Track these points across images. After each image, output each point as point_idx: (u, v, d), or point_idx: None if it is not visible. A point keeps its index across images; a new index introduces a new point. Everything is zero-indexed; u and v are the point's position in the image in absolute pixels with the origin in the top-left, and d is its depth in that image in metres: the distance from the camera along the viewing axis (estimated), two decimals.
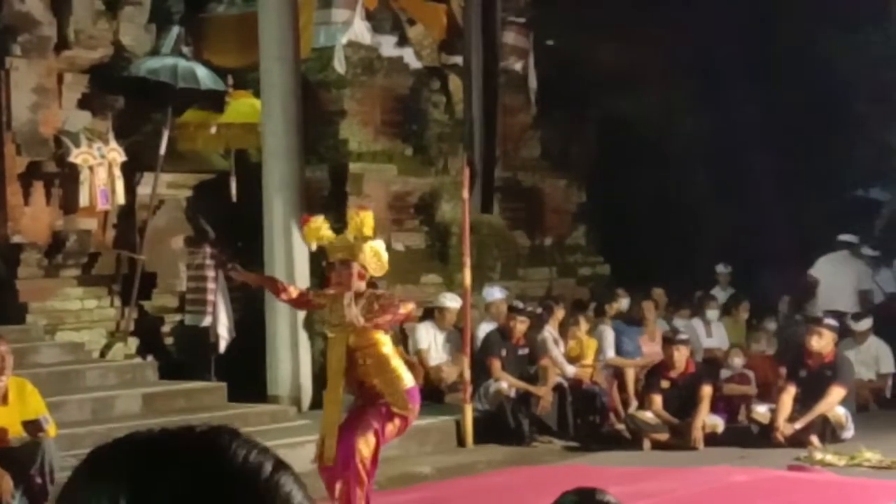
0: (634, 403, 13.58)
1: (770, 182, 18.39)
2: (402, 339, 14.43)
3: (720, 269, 17.60)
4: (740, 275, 17.49)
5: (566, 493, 3.41)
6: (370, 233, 8.87)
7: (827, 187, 18.53)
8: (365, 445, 8.61)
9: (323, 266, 9.62)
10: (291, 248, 12.74)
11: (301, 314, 12.72)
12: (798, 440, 12.46)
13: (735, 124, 18.61)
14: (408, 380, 8.79)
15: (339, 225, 9.40)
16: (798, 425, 12.58)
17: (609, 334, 14.45)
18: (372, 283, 9.07)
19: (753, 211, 18.09)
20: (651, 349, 14.33)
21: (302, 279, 12.51)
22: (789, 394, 12.81)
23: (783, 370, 13.74)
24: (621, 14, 17.91)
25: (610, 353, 14.25)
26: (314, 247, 9.50)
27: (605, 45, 17.90)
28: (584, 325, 14.31)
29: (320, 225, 9.08)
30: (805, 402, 12.72)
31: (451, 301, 13.89)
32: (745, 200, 18.28)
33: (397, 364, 8.80)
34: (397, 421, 8.73)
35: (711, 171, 19.42)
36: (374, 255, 8.80)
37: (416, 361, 9.51)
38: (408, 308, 9.07)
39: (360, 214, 8.91)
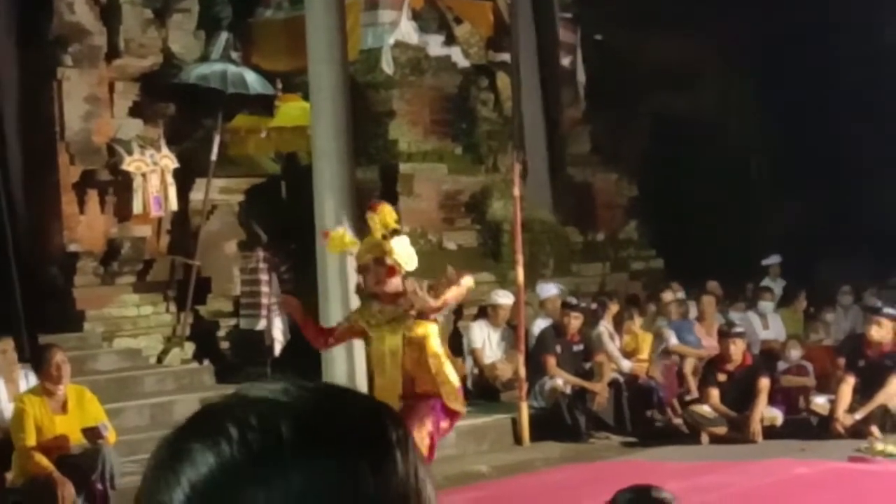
0: (694, 394, 13.46)
1: (825, 172, 18.24)
2: (456, 337, 14.43)
3: (769, 260, 17.46)
4: (797, 265, 17.35)
5: (622, 490, 3.40)
6: (395, 224, 8.85)
7: (885, 176, 18.33)
8: (420, 444, 8.59)
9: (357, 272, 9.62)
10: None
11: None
12: (858, 431, 12.34)
13: (789, 114, 18.48)
14: (456, 377, 8.78)
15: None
16: (858, 416, 12.46)
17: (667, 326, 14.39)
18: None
19: (808, 201, 17.95)
20: (708, 343, 14.25)
21: (353, 275, 12.54)
22: (848, 384, 12.69)
23: (842, 360, 13.61)
24: (671, 6, 17.83)
25: (673, 340, 14.16)
26: (337, 254, 9.54)
27: (655, 39, 17.83)
28: (638, 320, 14.25)
29: (342, 234, 9.12)
30: (865, 392, 12.60)
31: (504, 298, 13.87)
32: (799, 191, 18.14)
33: (447, 360, 8.81)
34: (449, 417, 8.71)
35: (764, 162, 19.30)
36: (403, 248, 8.79)
37: (456, 360, 9.48)
38: (469, 282, 8.93)
39: (378, 210, 8.89)
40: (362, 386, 12.91)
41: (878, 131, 18.16)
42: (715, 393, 12.75)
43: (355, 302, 11.28)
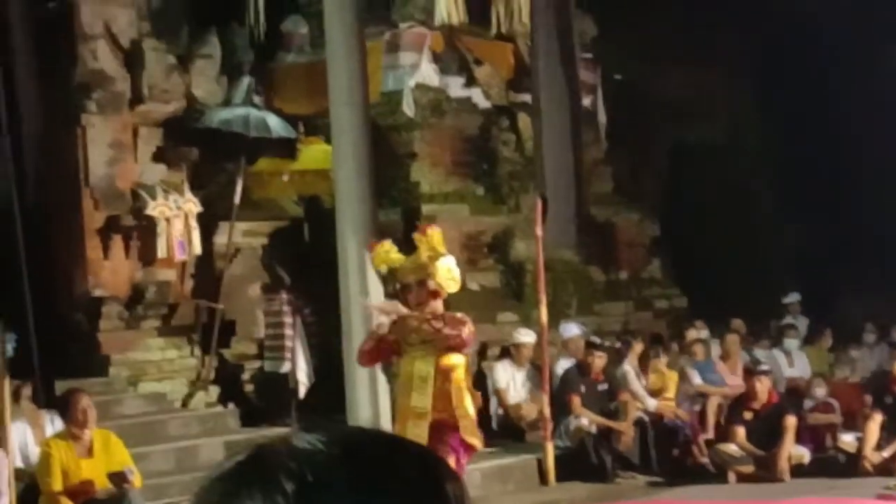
0: (710, 434, 13.37)
1: (847, 206, 18.19)
2: (479, 378, 14.41)
3: (788, 298, 17.36)
4: (820, 301, 17.26)
5: None
6: (443, 249, 8.83)
7: None
8: None
9: (396, 290, 9.58)
10: (367, 291, 12.76)
11: None
12: (886, 468, 12.25)
13: (807, 145, 18.45)
14: (473, 411, 8.76)
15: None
16: (886, 453, 12.38)
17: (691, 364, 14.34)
18: (447, 304, 8.98)
19: (831, 236, 17.89)
20: (733, 381, 14.18)
21: (378, 322, 12.53)
22: (876, 421, 12.60)
23: (868, 397, 13.53)
24: (687, 44, 17.87)
25: (697, 380, 14.11)
26: (384, 270, 9.48)
27: (673, 77, 17.86)
28: (664, 358, 14.20)
29: (388, 249, 9.09)
30: (892, 429, 12.52)
31: (526, 336, 13.85)
32: (820, 225, 18.08)
33: (468, 393, 8.77)
34: (468, 453, 8.67)
35: (785, 196, 19.25)
36: (447, 272, 8.75)
37: (475, 393, 9.40)
38: (470, 328, 8.88)
39: (429, 233, 8.88)
40: (386, 428, 12.89)
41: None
42: (741, 431, 12.68)
43: None
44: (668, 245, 17.84)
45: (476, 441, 8.71)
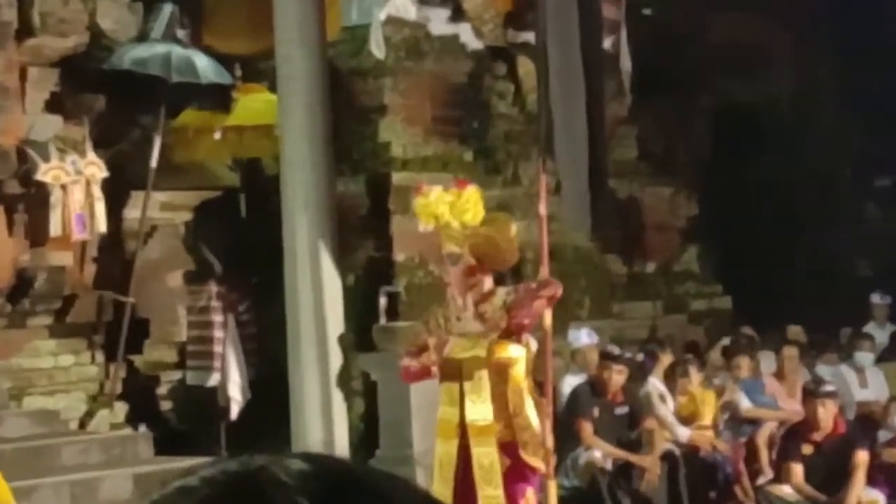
0: (769, 475, 13.51)
1: None
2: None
3: (876, 299, 17.45)
4: None
5: None
6: (478, 214, 8.58)
7: None
8: None
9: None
10: (320, 282, 12.82)
11: (334, 369, 12.77)
12: None
13: (890, 111, 18.53)
14: (537, 422, 8.61)
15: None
16: None
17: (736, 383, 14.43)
18: (498, 281, 8.76)
19: None
20: (789, 406, 14.27)
21: (333, 317, 12.60)
22: None
23: None
24: None
25: (744, 403, 14.18)
26: (430, 228, 9.08)
27: (720, 15, 17.90)
28: (696, 376, 14.25)
29: (433, 200, 8.73)
30: None
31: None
32: None
33: (529, 398, 8.59)
34: (534, 476, 8.54)
35: (861, 174, 19.33)
36: (487, 241, 8.55)
37: (539, 399, 9.19)
38: (553, 290, 8.71)
39: (461, 195, 8.68)
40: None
41: None
42: (798, 470, 12.76)
43: (334, 346, 11.35)
44: (708, 229, 17.91)
45: (538, 462, 8.59)
